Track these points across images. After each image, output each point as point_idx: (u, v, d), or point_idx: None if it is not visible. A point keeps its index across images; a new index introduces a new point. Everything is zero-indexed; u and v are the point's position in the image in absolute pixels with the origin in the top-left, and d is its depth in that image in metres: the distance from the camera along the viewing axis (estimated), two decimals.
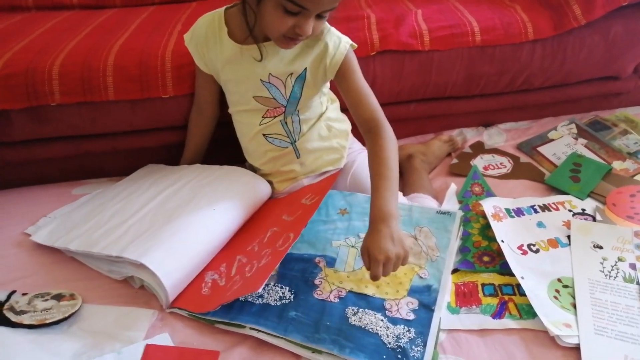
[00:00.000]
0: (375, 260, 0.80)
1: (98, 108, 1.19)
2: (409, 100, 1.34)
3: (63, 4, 1.65)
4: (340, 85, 1.04)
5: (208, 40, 1.04)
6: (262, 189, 1.12)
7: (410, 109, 1.36)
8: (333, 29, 1.03)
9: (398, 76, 1.26)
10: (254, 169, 1.18)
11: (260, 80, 1.03)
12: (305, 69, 1.03)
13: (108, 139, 1.28)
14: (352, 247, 0.97)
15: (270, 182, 1.14)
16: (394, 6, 1.43)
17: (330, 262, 0.94)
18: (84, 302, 0.92)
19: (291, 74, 1.03)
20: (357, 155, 1.18)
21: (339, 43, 1.01)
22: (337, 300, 0.86)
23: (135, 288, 0.95)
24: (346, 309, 0.84)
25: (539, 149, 1.30)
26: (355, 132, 1.20)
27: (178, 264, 0.91)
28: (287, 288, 0.88)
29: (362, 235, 0.98)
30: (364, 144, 1.29)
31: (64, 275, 0.98)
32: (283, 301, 0.86)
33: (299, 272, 0.92)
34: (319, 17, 0.88)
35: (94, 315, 0.89)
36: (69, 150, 1.28)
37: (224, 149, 1.24)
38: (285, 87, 1.04)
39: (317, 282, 0.90)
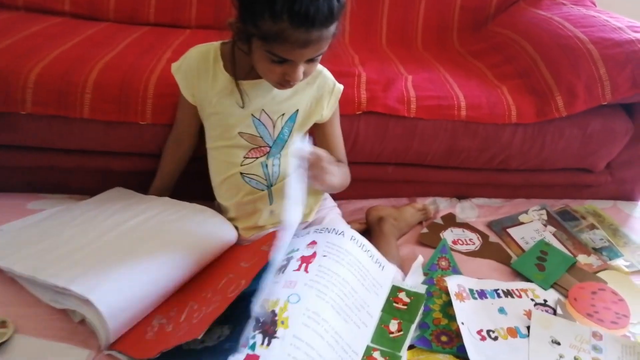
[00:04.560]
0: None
1: (71, 124, 1.15)
2: (388, 162, 1.34)
3: (55, 9, 1.61)
4: (325, 127, 1.10)
5: (200, 71, 1.02)
6: (229, 235, 1.08)
7: (388, 171, 1.35)
8: (326, 71, 1.06)
9: (381, 138, 1.26)
10: (221, 210, 1.14)
11: (252, 115, 1.01)
12: (297, 110, 1.03)
13: (77, 156, 1.23)
14: None
15: (236, 228, 1.11)
16: (385, 68, 1.45)
17: None
18: (17, 331, 0.85)
19: (283, 114, 1.03)
20: (329, 212, 1.16)
21: (333, 87, 1.06)
22: None
23: (74, 322, 0.89)
24: None
25: (509, 230, 1.30)
26: None
27: (127, 305, 0.86)
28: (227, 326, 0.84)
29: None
30: (339, 196, 1.27)
31: None
32: (220, 339, 0.81)
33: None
34: (310, 60, 0.88)
35: (25, 349, 0.83)
36: (33, 161, 1.22)
37: (193, 183, 1.20)
38: (274, 127, 1.03)
39: None
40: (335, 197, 1.26)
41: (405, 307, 0.98)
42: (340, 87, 1.08)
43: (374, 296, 0.96)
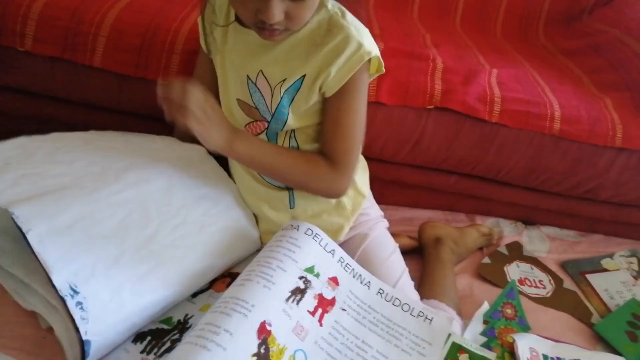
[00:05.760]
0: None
1: (76, 71, 0.94)
2: (452, 171, 1.10)
3: None
4: (330, 102, 0.76)
5: (221, 10, 0.79)
6: (251, 248, 0.87)
7: (450, 182, 1.12)
8: (358, 30, 0.73)
9: (450, 142, 1.02)
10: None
11: (247, 76, 0.77)
12: (304, 76, 0.75)
13: (81, 110, 1.03)
14: None
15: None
16: (462, 54, 1.20)
17: None
18: None
19: (284, 79, 0.75)
20: (373, 226, 0.91)
21: (356, 50, 0.72)
22: None
23: (42, 329, 0.70)
24: None
25: (589, 276, 1.06)
26: (376, 186, 0.96)
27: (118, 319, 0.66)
28: None
29: None
30: (384, 201, 1.03)
31: None
32: None
33: None
34: None
35: None
36: (29, 108, 1.02)
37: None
38: (272, 96, 0.77)
39: None
40: (381, 202, 1.03)
41: None
42: (369, 52, 0.72)
43: (417, 358, 0.75)
